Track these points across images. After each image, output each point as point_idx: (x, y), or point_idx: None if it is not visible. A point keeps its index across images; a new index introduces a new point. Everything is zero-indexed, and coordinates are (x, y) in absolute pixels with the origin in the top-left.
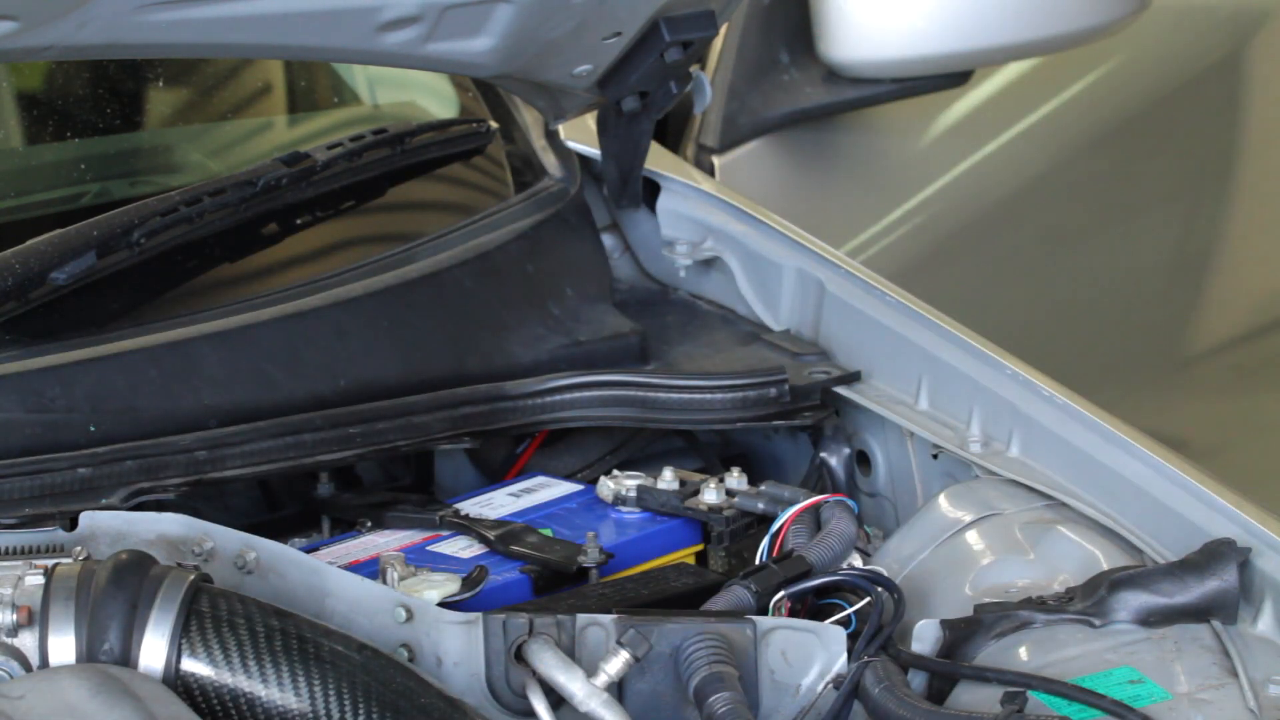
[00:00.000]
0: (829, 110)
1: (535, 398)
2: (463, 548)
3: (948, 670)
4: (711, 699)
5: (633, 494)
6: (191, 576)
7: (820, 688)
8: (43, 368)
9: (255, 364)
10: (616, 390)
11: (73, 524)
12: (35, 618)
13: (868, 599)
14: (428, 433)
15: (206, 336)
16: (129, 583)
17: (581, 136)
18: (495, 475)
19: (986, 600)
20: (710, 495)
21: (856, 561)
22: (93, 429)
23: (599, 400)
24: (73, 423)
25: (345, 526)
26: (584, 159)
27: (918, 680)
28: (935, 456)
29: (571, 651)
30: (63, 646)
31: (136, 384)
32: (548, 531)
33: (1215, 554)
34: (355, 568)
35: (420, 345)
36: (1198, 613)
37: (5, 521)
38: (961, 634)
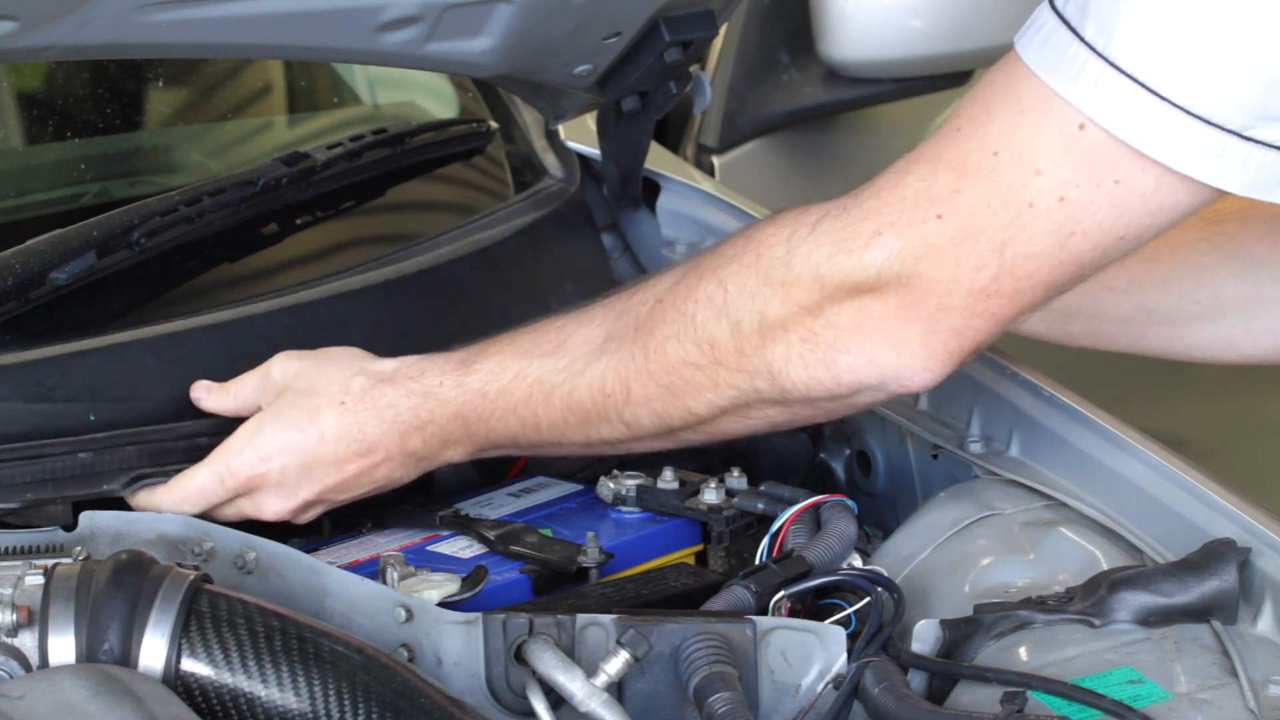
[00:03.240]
0: (829, 110)
1: None
2: (463, 548)
3: (948, 670)
4: (711, 699)
5: (633, 494)
6: (191, 576)
7: (820, 688)
8: (42, 358)
9: (255, 353)
10: None
11: (74, 519)
12: (35, 618)
13: (868, 599)
14: None
15: (205, 327)
16: (129, 583)
17: (581, 136)
18: (495, 475)
19: (986, 600)
20: (710, 495)
21: (856, 561)
22: (93, 418)
23: None
24: (72, 412)
25: (345, 526)
26: (584, 159)
27: (918, 680)
28: (935, 456)
29: (571, 651)
30: (63, 646)
31: (136, 373)
32: (548, 531)
33: (1215, 554)
34: (355, 568)
35: (421, 337)
36: (1198, 613)
37: (6, 506)
38: (961, 634)
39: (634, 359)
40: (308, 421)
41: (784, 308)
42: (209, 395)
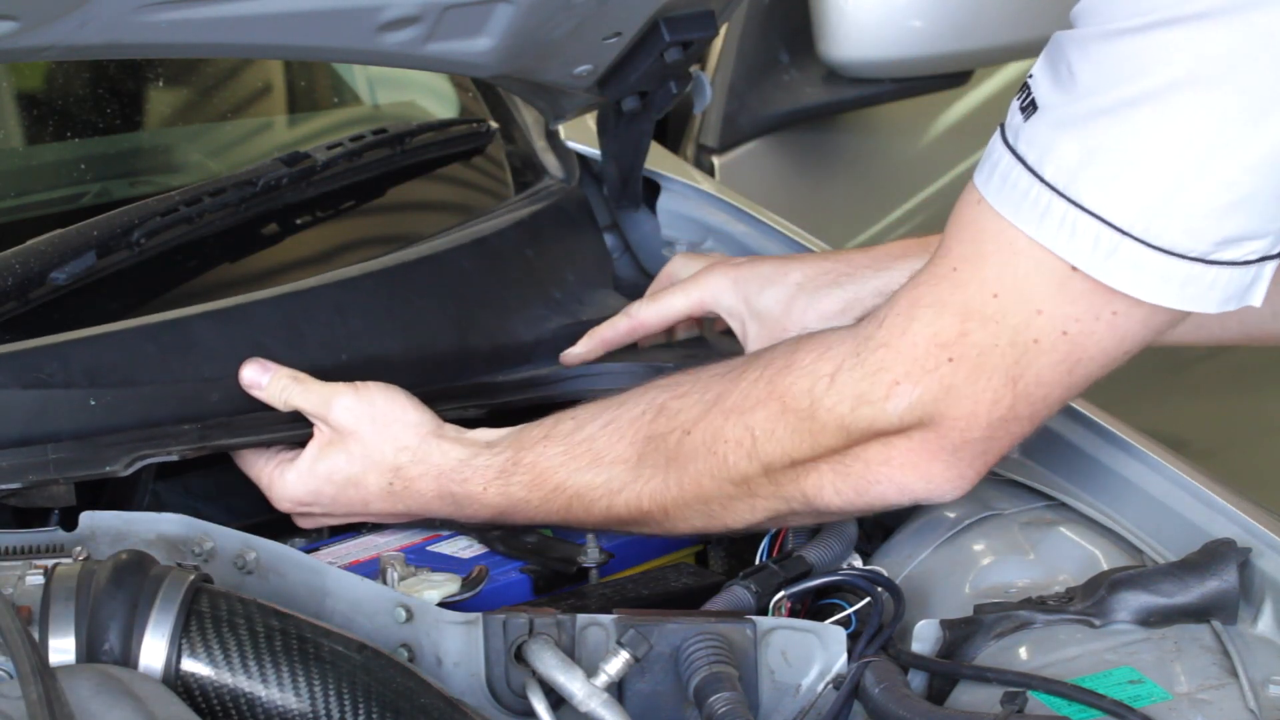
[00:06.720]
0: (829, 110)
1: (541, 375)
2: (463, 548)
3: (948, 670)
4: (711, 699)
5: None
6: (191, 576)
7: (820, 688)
8: (40, 345)
9: (254, 339)
10: (625, 364)
11: (77, 501)
12: (35, 618)
13: (868, 599)
14: (433, 403)
15: (204, 314)
16: (129, 583)
17: (581, 136)
18: None
19: (986, 600)
20: None
21: (856, 561)
22: (92, 403)
23: (608, 374)
24: (72, 398)
25: (345, 526)
26: (584, 159)
27: (918, 680)
28: None
29: (571, 651)
30: (63, 646)
31: (134, 359)
32: (548, 531)
33: (1215, 554)
34: (355, 568)
35: (421, 323)
36: (1198, 613)
37: (8, 488)
38: (961, 634)
39: (669, 488)
40: (354, 488)
41: (813, 450)
42: (264, 375)
